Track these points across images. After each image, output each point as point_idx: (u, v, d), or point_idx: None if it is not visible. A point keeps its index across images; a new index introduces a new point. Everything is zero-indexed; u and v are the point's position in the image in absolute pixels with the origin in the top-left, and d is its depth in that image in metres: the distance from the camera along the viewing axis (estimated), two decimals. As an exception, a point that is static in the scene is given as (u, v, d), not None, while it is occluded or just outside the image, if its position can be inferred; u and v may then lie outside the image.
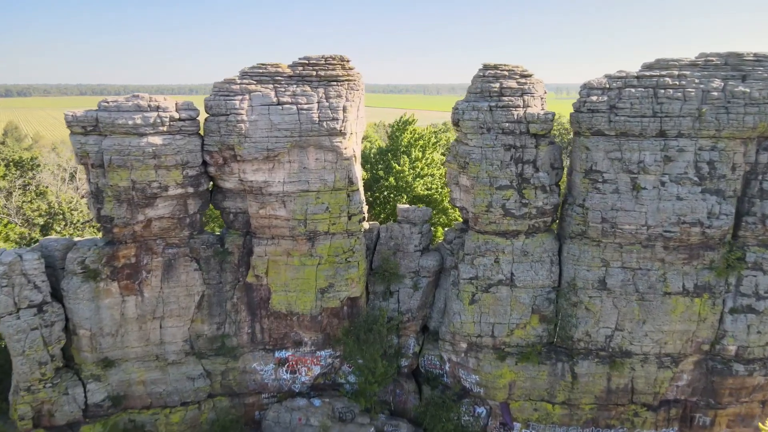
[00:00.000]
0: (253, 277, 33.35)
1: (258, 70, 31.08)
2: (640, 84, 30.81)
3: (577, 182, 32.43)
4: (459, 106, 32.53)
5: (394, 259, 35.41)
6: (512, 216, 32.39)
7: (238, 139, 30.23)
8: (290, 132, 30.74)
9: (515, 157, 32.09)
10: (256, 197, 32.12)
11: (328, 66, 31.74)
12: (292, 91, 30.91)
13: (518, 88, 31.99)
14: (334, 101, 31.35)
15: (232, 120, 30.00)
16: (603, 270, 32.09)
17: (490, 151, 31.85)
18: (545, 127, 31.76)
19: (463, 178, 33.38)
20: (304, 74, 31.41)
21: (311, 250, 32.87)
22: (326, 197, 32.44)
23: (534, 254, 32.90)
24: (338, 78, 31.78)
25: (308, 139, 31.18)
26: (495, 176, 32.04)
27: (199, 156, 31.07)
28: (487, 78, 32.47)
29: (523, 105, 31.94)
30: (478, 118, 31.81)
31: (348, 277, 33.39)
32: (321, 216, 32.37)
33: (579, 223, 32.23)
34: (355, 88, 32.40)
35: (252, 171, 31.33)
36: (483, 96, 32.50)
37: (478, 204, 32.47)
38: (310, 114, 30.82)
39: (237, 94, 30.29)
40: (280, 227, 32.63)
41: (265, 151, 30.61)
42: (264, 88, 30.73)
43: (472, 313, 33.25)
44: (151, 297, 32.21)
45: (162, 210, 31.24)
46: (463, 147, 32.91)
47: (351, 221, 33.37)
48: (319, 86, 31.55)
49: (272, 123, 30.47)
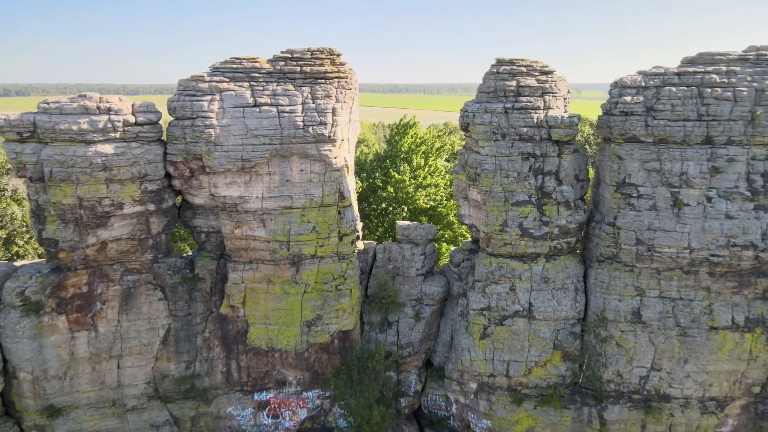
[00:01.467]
0: (227, 308, 28.52)
1: (231, 65, 26.24)
2: (681, 82, 26.25)
3: (607, 197, 27.74)
4: (469, 108, 27.80)
5: (392, 285, 30.63)
6: (531, 236, 27.69)
7: (206, 148, 25.39)
8: (269, 138, 25.93)
9: (534, 167, 27.39)
10: (231, 215, 27.29)
11: (315, 61, 26.94)
12: (271, 91, 26.10)
13: (538, 86, 27.28)
14: (321, 102, 26.57)
15: (199, 125, 25.15)
16: (637, 300, 27.43)
17: (506, 160, 27.13)
18: (570, 132, 27.07)
19: (473, 192, 28.64)
20: (286, 70, 26.60)
21: (296, 276, 28.07)
22: (313, 215, 27.65)
23: (556, 281, 28.21)
24: (327, 75, 26.98)
25: (291, 147, 26.38)
26: (511, 190, 27.34)
27: (161, 167, 26.20)
28: (502, 75, 27.75)
29: (543, 106, 27.25)
30: (491, 122, 27.08)
31: (339, 307, 28.59)
32: (307, 237, 27.58)
33: (609, 245, 27.57)
34: (347, 87, 27.61)
35: (224, 185, 26.50)
36: (497, 96, 27.78)
37: (491, 222, 27.75)
38: (293, 117, 26.03)
39: (205, 94, 25.45)
40: (259, 250, 27.82)
41: (239, 161, 25.79)
42: (238, 86, 25.91)
43: (484, 349, 28.53)
44: (106, 332, 27.35)
45: (118, 230, 26.39)
46: (473, 155, 28.17)
47: (342, 242, 28.58)
48: (304, 84, 26.74)
49: (248, 128, 25.65)
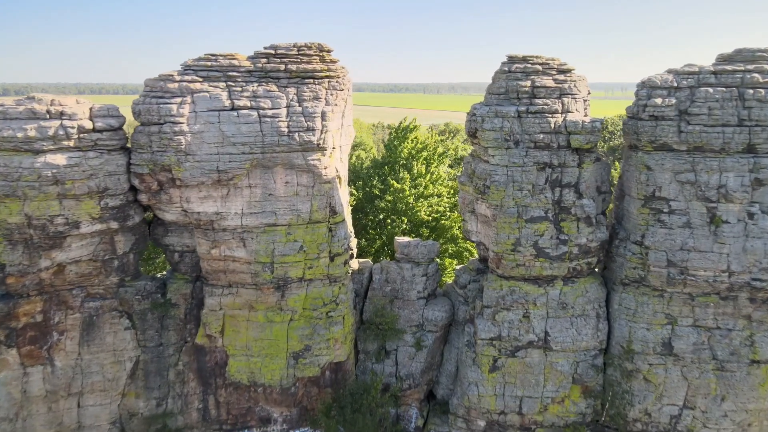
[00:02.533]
0: (204, 338, 25.21)
1: (205, 62, 22.93)
2: (719, 82, 23.05)
3: (633, 212, 24.49)
4: (477, 112, 24.53)
5: (390, 309, 27.34)
6: (547, 257, 24.44)
7: (176, 158, 22.08)
8: (249, 147, 22.65)
9: (552, 179, 24.13)
10: (206, 233, 23.98)
11: (302, 58, 23.65)
12: (251, 92, 22.81)
13: (555, 87, 24.03)
14: (309, 105, 23.29)
15: (167, 131, 21.84)
16: (668, 329, 24.19)
17: (519, 171, 23.88)
18: (591, 139, 23.84)
19: (482, 206, 25.38)
20: (268, 69, 23.31)
21: (281, 302, 24.77)
22: (300, 233, 24.35)
23: (575, 306, 24.96)
24: (315, 74, 23.69)
25: (274, 157, 23.10)
26: (525, 204, 24.09)
27: (125, 180, 22.89)
28: (514, 74, 24.48)
29: (561, 110, 24.01)
30: (502, 128, 23.82)
31: (330, 337, 25.28)
32: (293, 258, 24.28)
33: (635, 267, 24.32)
34: (339, 88, 24.33)
35: (198, 199, 23.19)
36: (508, 98, 24.51)
37: (502, 241, 24.48)
38: (276, 122, 22.74)
39: (175, 96, 22.13)
40: (240, 272, 24.52)
41: (214, 173, 22.49)
42: (213, 87, 22.61)
43: (494, 383, 25.26)
44: (65, 367, 24.04)
45: (77, 251, 23.08)
46: (481, 165, 24.91)
47: (334, 263, 25.28)
48: (290, 85, 23.45)
49: (224, 135, 22.36)
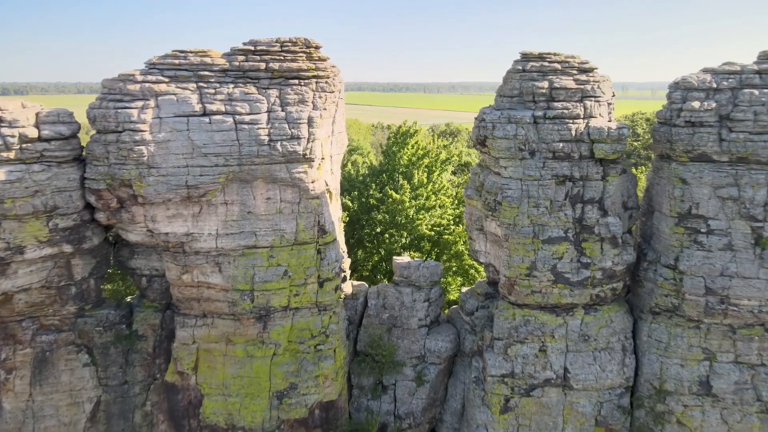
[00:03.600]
0: (175, 375, 22.08)
1: (173, 60, 19.78)
2: (764, 83, 20.00)
3: (665, 231, 21.43)
4: (487, 117, 21.44)
5: (388, 339, 24.25)
6: (566, 282, 21.39)
7: (137, 171, 18.94)
8: (224, 158, 19.54)
9: (572, 194, 21.07)
10: (176, 257, 20.86)
11: (286, 55, 20.54)
12: (226, 94, 19.69)
13: (577, 88, 20.95)
14: (294, 110, 20.17)
15: (126, 140, 18.70)
16: (706, 366, 21.17)
17: (535, 185, 20.81)
18: (618, 148, 20.80)
19: (492, 224, 22.30)
20: (246, 67, 20.18)
21: (262, 334, 21.66)
22: (284, 256, 21.25)
23: (598, 339, 21.91)
24: (301, 73, 20.57)
25: (254, 170, 19.99)
26: (542, 223, 21.03)
27: (78, 196, 19.75)
28: (530, 74, 21.40)
29: (584, 115, 20.95)
30: (516, 135, 20.74)
31: (319, 373, 22.17)
32: (276, 284, 21.18)
33: (668, 294, 21.28)
34: (328, 90, 21.22)
35: (165, 218, 20.07)
36: (523, 101, 21.44)
37: (515, 264, 21.40)
38: (255, 130, 19.63)
39: (136, 99, 18.98)
40: (215, 301, 21.43)
41: (183, 188, 19.36)
42: (181, 88, 19.47)
43: (506, 425, 22.19)
44: (14, 409, 20.95)
45: (25, 278, 19.97)
46: (492, 178, 21.84)
47: (323, 290, 22.17)
48: (271, 86, 20.33)
49: (194, 144, 19.25)
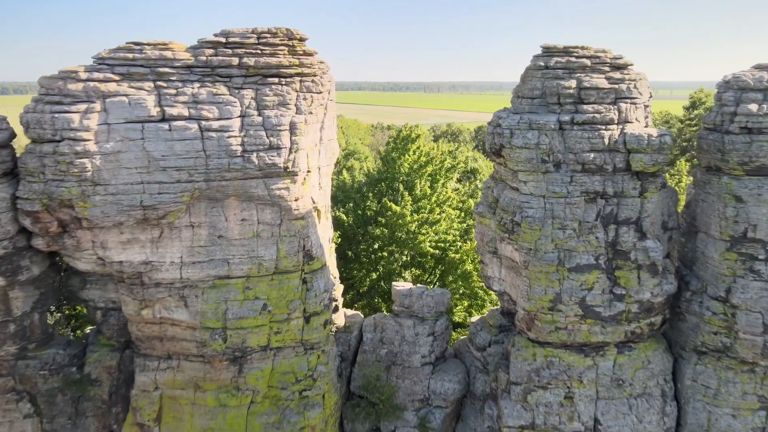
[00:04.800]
0: (134, 427, 18.69)
1: (126, 54, 16.38)
2: (835, 81, 16.63)
3: (712, 257, 18.11)
4: (503, 123, 18.09)
5: (387, 379, 20.90)
6: (597, 318, 18.08)
7: (79, 189, 15.56)
8: (187, 173, 16.18)
9: (605, 213, 17.76)
10: (133, 290, 17.49)
11: (264, 48, 17.17)
12: (191, 95, 16.32)
13: (610, 88, 17.64)
14: (273, 114, 16.81)
15: (66, 152, 15.31)
16: (762, 417, 17.92)
17: (561, 203, 17.49)
18: (659, 159, 17.51)
19: (508, 248, 18.98)
20: (216, 63, 16.81)
21: (237, 379, 18.29)
22: (263, 287, 17.88)
23: (634, 383, 18.60)
24: (283, 70, 17.20)
25: (224, 186, 16.64)
26: (568, 249, 17.72)
27: (9, 219, 16.32)
28: (554, 71, 18.06)
29: (618, 119, 17.63)
30: (539, 144, 17.42)
31: (305, 424, 18.77)
32: (254, 321, 17.83)
33: (717, 331, 17.97)
34: (315, 90, 17.86)
35: (119, 245, 16.70)
36: (546, 103, 18.11)
37: (537, 296, 18.08)
38: (225, 138, 16.27)
39: (78, 101, 15.57)
40: (181, 340, 18.08)
41: (137, 209, 15.99)
42: (135, 88, 16.08)
43: (525, 485, 18.84)
44: (-60, 472, 17.58)
45: (-49, 317, 16.60)
46: (509, 194, 18.50)
47: (310, 326, 18.81)
48: (246, 86, 16.96)
49: (150, 156, 15.87)
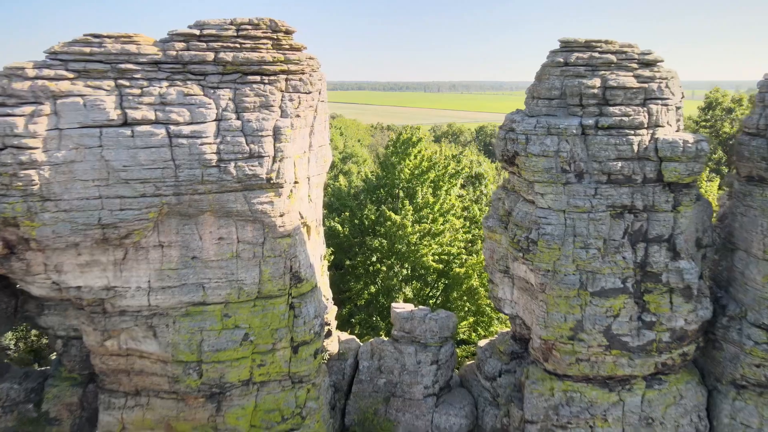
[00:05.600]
0: (99, 471, 16.49)
1: (82, 48, 14.13)
2: None
3: (755, 278, 15.97)
4: (518, 127, 15.91)
5: (385, 413, 18.71)
6: (624, 348, 15.94)
7: (25, 205, 13.33)
8: (154, 186, 13.96)
9: (633, 230, 15.61)
10: (94, 318, 15.27)
11: (244, 42, 14.96)
12: (158, 96, 14.09)
13: (639, 88, 15.48)
14: (254, 117, 14.61)
15: (9, 161, 13.05)
16: (812, 460, 15.69)
17: (584, 219, 15.33)
18: (695, 168, 15.37)
19: (521, 267, 16.81)
20: (187, 59, 14.59)
21: (215, 418, 16.07)
22: (244, 315, 15.68)
23: (665, 421, 16.45)
24: (266, 67, 14.99)
25: (198, 200, 14.43)
26: (592, 270, 15.56)
27: (-54, 241, 14.12)
28: (575, 68, 15.89)
29: (648, 123, 15.48)
30: (558, 152, 15.25)
31: (292, 468, 16.59)
32: (233, 353, 15.61)
33: (759, 363, 15.85)
34: (303, 89, 15.66)
35: (76, 268, 14.47)
36: (565, 104, 15.95)
37: (556, 323, 15.91)
38: (198, 145, 14.06)
39: (24, 102, 13.31)
40: (151, 374, 15.86)
41: (95, 228, 13.78)
42: (92, 87, 13.85)
43: None
44: None
45: None
46: (523, 207, 16.33)
47: (298, 357, 16.60)
48: (223, 85, 14.75)
49: (109, 166, 13.64)
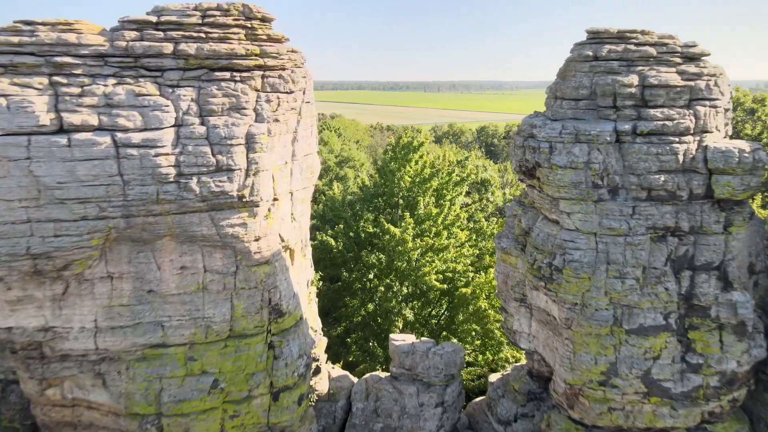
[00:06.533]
0: None
1: (9, 37, 11.52)
2: None
3: (819, 312, 13.43)
4: (539, 133, 13.36)
5: (381, 463, 16.19)
6: (666, 395, 13.44)
7: (-68, 233, 10.79)
8: (98, 206, 11.38)
9: (677, 255, 13.10)
10: (30, 365, 12.68)
11: (210, 31, 12.40)
12: (102, 96, 11.52)
13: (684, 86, 12.98)
14: (221, 122, 12.05)
15: None
16: None
17: (619, 243, 12.83)
18: (751, 183, 12.92)
19: (541, 297, 14.29)
20: (140, 51, 12.01)
21: (179, 480, 13.50)
22: (212, 357, 13.11)
23: (712, 480, 13.90)
24: (236, 62, 12.43)
25: (153, 224, 11.86)
26: (629, 304, 13.05)
27: None
28: (606, 63, 13.36)
29: (694, 128, 12.97)
30: (589, 163, 12.74)
31: None
32: (200, 403, 13.03)
33: (826, 413, 13.29)
34: (283, 89, 13.11)
35: (4, 305, 11.89)
36: (596, 106, 13.42)
37: (584, 366, 13.39)
38: (152, 157, 11.48)
39: (-69, 105, 10.81)
40: (101, 428, 13.30)
41: (23, 259, 11.20)
42: (19, 86, 11.26)
43: None
44: None
45: None
46: (545, 228, 13.79)
47: (279, 404, 14.03)
48: (184, 83, 12.18)
49: (41, 183, 11.07)
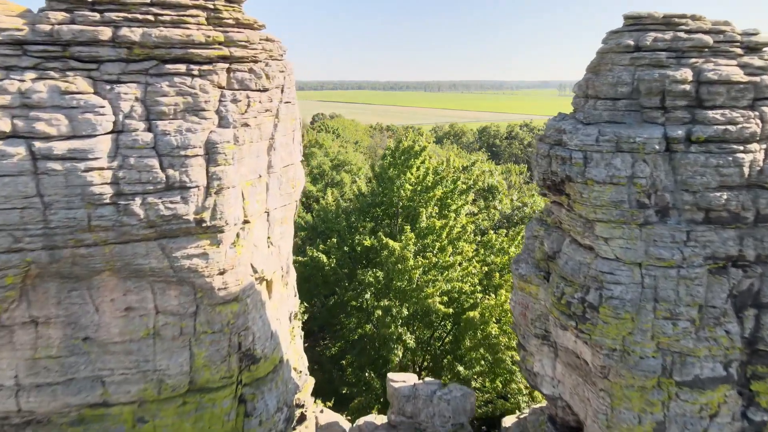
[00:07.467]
0: None
1: None
2: None
3: None
4: (571, 141, 10.86)
5: None
6: (725, 461, 10.85)
7: None
8: (10, 235, 8.89)
9: (739, 290, 10.60)
10: (-63, 431, 10.20)
11: (160, 13, 9.92)
12: (17, 93, 9.04)
13: (747, 83, 10.51)
14: (173, 127, 9.57)
15: None
16: None
17: (671, 276, 10.35)
18: (831, 200, 10.33)
19: (569, 337, 11.79)
20: (69, 37, 9.53)
21: None
22: (167, 418, 10.60)
23: None
24: (193, 51, 9.95)
25: (87, 256, 9.36)
26: (681, 351, 10.58)
27: None
28: (652, 54, 10.87)
29: (761, 134, 10.47)
30: (633, 178, 10.25)
31: None
32: (151, 475, 10.52)
33: None
34: (255, 86, 10.64)
35: None
36: (639, 107, 10.93)
37: (625, 425, 10.96)
38: (81, 172, 8.99)
39: None
40: (32, 505, 10.75)
41: None
42: None
43: None
44: None
45: None
46: (577, 255, 11.28)
47: (250, 472, 11.52)
48: (125, 78, 9.71)
49: (-68, 208, 8.61)
